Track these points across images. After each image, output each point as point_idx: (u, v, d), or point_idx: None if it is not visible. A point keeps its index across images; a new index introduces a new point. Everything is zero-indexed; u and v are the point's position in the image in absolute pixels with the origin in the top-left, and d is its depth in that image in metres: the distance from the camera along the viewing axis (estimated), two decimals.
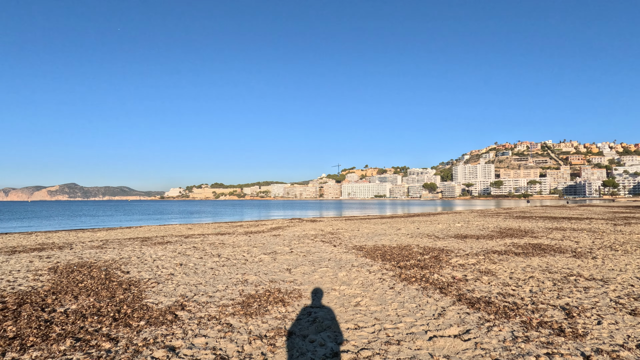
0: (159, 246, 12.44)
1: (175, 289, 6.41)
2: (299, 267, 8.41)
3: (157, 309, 5.23)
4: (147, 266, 8.61)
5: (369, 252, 10.52)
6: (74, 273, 7.76)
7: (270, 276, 7.46)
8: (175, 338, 4.17)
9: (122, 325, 4.59)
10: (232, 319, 4.83)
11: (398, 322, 4.65)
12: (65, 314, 5.00)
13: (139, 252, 10.90)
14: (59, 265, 8.83)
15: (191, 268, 8.36)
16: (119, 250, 11.53)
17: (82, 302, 5.57)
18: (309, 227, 20.59)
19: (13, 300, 5.66)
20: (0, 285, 6.79)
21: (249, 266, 8.57)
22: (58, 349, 3.86)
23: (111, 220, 41.47)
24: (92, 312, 5.12)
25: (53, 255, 10.61)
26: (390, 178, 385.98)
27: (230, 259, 9.63)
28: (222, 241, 13.81)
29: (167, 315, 4.95)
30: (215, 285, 6.68)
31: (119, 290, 6.33)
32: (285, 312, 5.09)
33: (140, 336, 4.22)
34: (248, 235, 16.08)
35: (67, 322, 4.67)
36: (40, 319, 4.78)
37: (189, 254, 10.58)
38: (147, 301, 5.66)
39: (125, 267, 8.44)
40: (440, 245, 11.86)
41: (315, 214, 49.08)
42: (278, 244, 12.60)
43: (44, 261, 9.48)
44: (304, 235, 15.96)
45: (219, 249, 11.48)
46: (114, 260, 9.39)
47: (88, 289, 6.35)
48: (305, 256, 9.94)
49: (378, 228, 19.20)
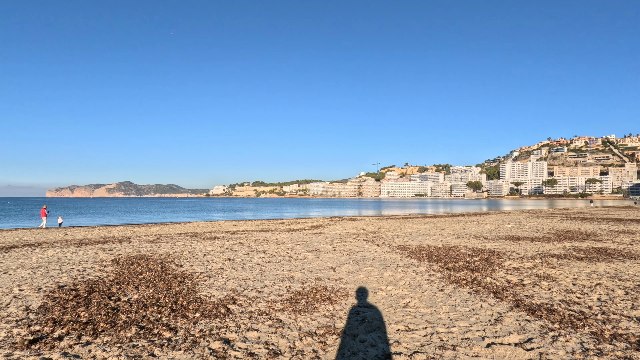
0: (207, 241, 13.02)
1: (226, 283, 6.66)
2: (343, 265, 8.38)
3: (210, 302, 5.46)
4: (198, 260, 9.04)
5: (414, 252, 10.24)
6: (133, 265, 8.33)
7: (315, 274, 7.50)
8: (229, 331, 4.31)
9: (179, 316, 4.85)
10: (282, 314, 4.92)
11: (451, 326, 4.47)
12: (129, 303, 5.38)
13: (190, 247, 11.48)
14: (120, 257, 9.54)
15: (239, 263, 8.64)
16: (171, 244, 12.23)
17: (143, 293, 5.96)
18: (350, 226, 20.50)
19: (84, 289, 6.19)
20: (72, 274, 7.47)
21: (294, 263, 8.69)
22: (125, 335, 4.15)
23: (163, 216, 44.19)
24: (152, 302, 5.46)
25: (114, 248, 11.49)
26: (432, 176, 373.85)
27: (275, 255, 9.83)
28: (266, 238, 14.15)
29: (220, 309, 5.14)
30: (263, 281, 6.84)
31: (174, 282, 6.69)
32: (333, 311, 5.08)
33: (196, 327, 4.42)
34: (290, 233, 16.34)
35: (131, 311, 5.02)
36: (107, 307, 5.18)
37: (236, 249, 10.96)
38: (201, 294, 5.92)
39: (179, 261, 8.91)
40: (490, 247, 11.25)
41: (355, 213, 48.82)
42: (321, 242, 12.66)
43: (107, 253, 10.28)
44: (346, 233, 15.91)
45: (263, 246, 11.77)
46: (168, 254, 9.97)
47: (147, 281, 6.78)
48: (348, 255, 9.90)
49: (421, 228, 18.66)
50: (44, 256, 9.82)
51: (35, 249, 11.24)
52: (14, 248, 11.63)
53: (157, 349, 3.77)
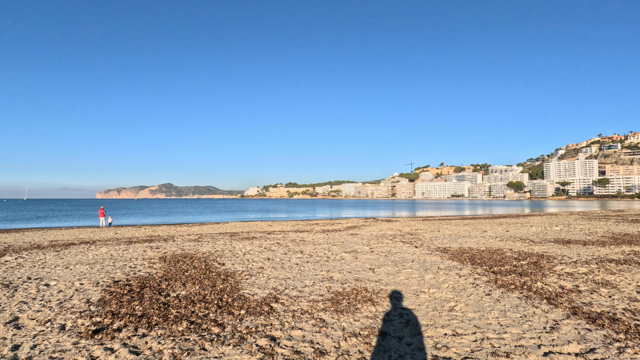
0: (246, 241, 13.37)
1: (267, 282, 6.79)
2: (382, 267, 8.27)
3: (253, 300, 5.60)
4: (238, 259, 9.30)
5: (455, 254, 9.90)
6: (179, 263, 8.73)
7: (354, 275, 7.47)
8: (274, 329, 4.39)
9: (225, 312, 5.01)
10: (324, 314, 4.93)
11: (502, 332, 4.26)
12: (178, 299, 5.64)
13: (230, 246, 11.84)
14: (166, 255, 10.04)
15: (278, 263, 8.79)
16: (212, 243, 12.68)
17: (190, 289, 6.22)
18: (385, 227, 20.22)
19: (136, 284, 6.57)
20: (125, 270, 7.95)
21: (332, 264, 8.70)
22: (177, 329, 4.36)
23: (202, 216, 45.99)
24: (198, 298, 5.68)
25: (161, 246, 12.11)
26: (469, 176, 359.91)
27: (313, 255, 9.90)
28: (302, 238, 14.29)
29: (264, 307, 5.25)
30: (302, 281, 6.91)
31: (218, 280, 6.93)
32: (376, 312, 5.02)
33: (243, 324, 4.54)
34: (326, 234, 16.39)
35: (181, 306, 5.26)
36: (159, 302, 5.46)
37: (274, 249, 11.16)
38: (244, 292, 6.09)
39: (221, 260, 9.22)
40: (539, 250, 10.62)
41: (390, 214, 48.10)
42: (357, 243, 12.59)
43: (155, 251, 10.86)
44: (382, 235, 15.71)
45: (300, 246, 11.89)
46: (210, 253, 10.35)
47: (193, 278, 7.08)
48: (386, 256, 9.76)
49: (460, 229, 18.01)
50: (99, 253, 10.55)
51: (91, 247, 12.10)
52: (72, 245, 12.59)
53: (207, 344, 3.91)
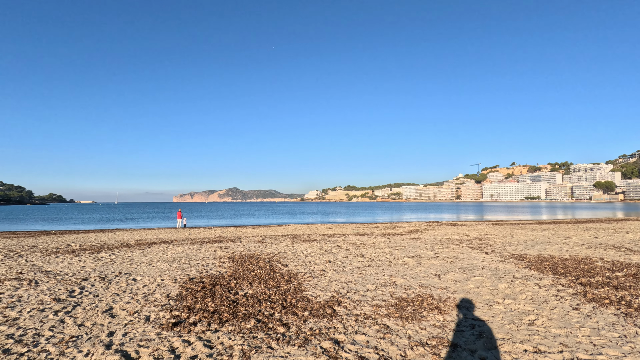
0: (307, 243, 13.63)
1: (329, 285, 6.82)
2: (449, 273, 7.82)
3: (316, 302, 5.65)
4: (300, 261, 9.50)
5: (533, 262, 8.99)
6: (246, 263, 9.18)
7: (418, 280, 7.16)
8: (338, 332, 4.38)
9: (290, 313, 5.12)
10: (388, 320, 4.79)
11: (596, 353, 3.74)
12: (245, 297, 5.92)
13: (292, 248, 12.16)
14: (234, 255, 10.63)
15: (339, 266, 8.80)
16: (275, 245, 13.14)
17: (256, 289, 6.50)
18: (450, 231, 19.16)
19: (208, 282, 7.04)
20: (198, 268, 8.58)
21: (394, 268, 8.46)
22: (245, 326, 4.56)
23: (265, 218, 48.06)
24: (264, 298, 5.90)
25: (229, 246, 12.87)
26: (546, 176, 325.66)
27: (374, 259, 9.72)
28: (363, 242, 14.14)
29: (326, 309, 5.27)
30: (364, 285, 6.81)
31: (282, 281, 7.14)
32: (444, 321, 4.75)
33: (307, 325, 4.60)
34: (387, 237, 16.03)
35: (248, 305, 5.51)
36: (229, 299, 5.78)
37: (335, 252, 11.20)
38: (307, 293, 6.18)
39: (284, 261, 9.51)
40: (638, 260, 9.19)
41: (454, 218, 45.52)
42: (420, 248, 12.10)
43: (224, 251, 11.57)
44: (447, 239, 14.90)
45: (361, 249, 11.78)
46: (273, 254, 10.73)
47: (258, 278, 7.38)
48: (453, 262, 9.21)
49: (538, 235, 16.34)
50: (176, 252, 11.54)
51: (169, 246, 13.30)
52: (154, 244, 13.97)
53: (274, 342, 4.03)
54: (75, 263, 9.44)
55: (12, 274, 7.91)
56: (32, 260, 10.04)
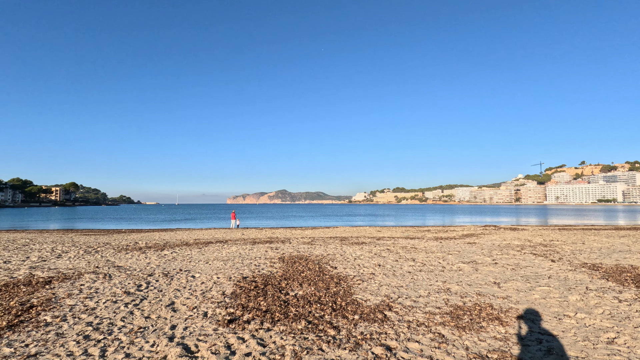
0: (356, 246, 13.52)
1: (379, 289, 6.68)
2: (510, 282, 7.27)
3: (366, 306, 5.56)
4: (349, 264, 9.44)
5: (611, 273, 8.04)
6: (296, 264, 9.33)
7: (475, 288, 6.75)
8: (389, 338, 4.26)
9: (340, 316, 5.10)
10: (443, 329, 4.56)
11: None
12: (296, 298, 6.00)
13: (341, 250, 12.13)
14: (284, 256, 10.87)
15: (389, 270, 8.59)
16: (324, 247, 13.21)
17: (306, 290, 6.56)
18: (510, 236, 17.86)
19: (260, 281, 7.26)
20: (251, 267, 8.90)
21: (448, 274, 8.06)
22: (296, 327, 4.62)
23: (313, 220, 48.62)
24: (314, 299, 5.94)
25: (279, 247, 13.20)
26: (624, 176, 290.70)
27: (426, 264, 9.36)
28: (414, 245, 13.70)
29: (377, 314, 5.16)
30: (416, 290, 6.57)
31: (331, 283, 7.14)
32: (506, 334, 4.41)
33: (357, 329, 4.54)
34: (439, 241, 15.36)
35: (299, 305, 5.58)
36: (280, 299, 5.91)
37: (384, 255, 10.97)
38: (357, 297, 6.11)
39: (333, 263, 9.51)
40: None
41: (513, 221, 42.39)
42: (476, 253, 11.41)
43: (274, 252, 11.88)
44: (506, 245, 13.89)
45: (412, 253, 11.41)
46: (322, 256, 10.78)
47: (308, 279, 7.46)
48: (514, 270, 8.56)
49: (614, 242, 14.62)
50: (230, 251, 12.09)
51: (224, 245, 13.97)
52: (210, 243, 14.76)
53: (324, 345, 4.03)
54: (142, 259, 10.28)
55: (91, 268, 8.83)
56: (106, 256, 11.13)
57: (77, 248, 13.16)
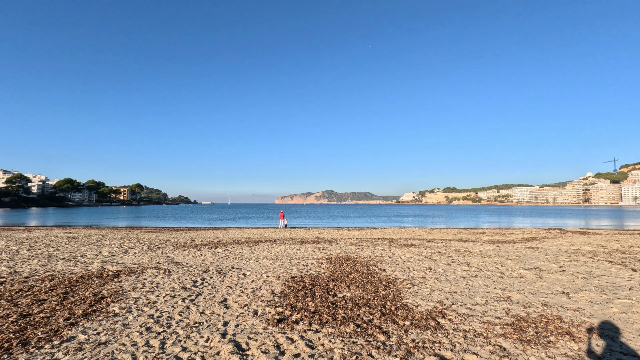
0: (405, 248, 13.10)
1: (431, 294, 6.37)
2: (581, 292, 6.55)
3: (417, 312, 5.32)
4: (399, 266, 9.15)
5: None
6: (343, 265, 9.25)
7: (540, 297, 6.17)
8: (444, 348, 4.01)
9: (389, 321, 4.92)
10: (504, 341, 4.21)
11: None
12: (344, 300, 5.92)
13: (389, 252, 11.83)
14: (332, 256, 10.84)
15: (441, 274, 8.18)
16: (372, 248, 12.97)
17: (354, 292, 6.45)
18: (579, 241, 16.19)
19: (308, 281, 7.29)
20: (299, 267, 8.98)
21: (508, 281, 7.47)
22: (345, 330, 4.54)
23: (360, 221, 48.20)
24: (362, 302, 5.81)
25: (326, 247, 13.21)
26: None
27: (482, 269, 8.77)
28: (467, 249, 12.95)
29: (429, 321, 4.91)
30: (472, 297, 6.16)
31: (380, 286, 6.95)
32: (579, 351, 3.94)
33: (408, 336, 4.35)
34: (496, 245, 14.37)
35: (347, 308, 5.49)
36: (328, 301, 5.86)
37: (435, 258, 10.49)
38: (407, 301, 5.88)
39: (381, 265, 9.29)
40: None
41: (582, 224, 38.47)
42: (540, 259, 10.48)
43: (322, 252, 11.91)
44: (575, 250, 12.60)
45: (466, 257, 10.78)
46: (370, 258, 10.58)
47: (356, 281, 7.34)
48: (586, 279, 7.70)
49: None
50: (279, 250, 12.33)
51: (273, 244, 14.31)
52: (260, 242, 15.20)
53: (374, 350, 3.90)
54: (198, 256, 10.86)
55: (152, 264, 9.50)
56: (166, 252, 11.92)
57: (141, 244, 14.27)
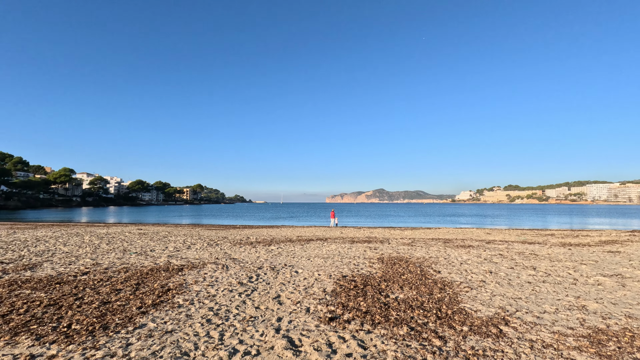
0: (461, 249, 12.44)
1: (491, 299, 5.97)
2: None
3: (477, 317, 5.01)
4: (455, 268, 8.71)
5: None
6: (395, 265, 9.04)
7: (622, 308, 5.48)
8: (507, 358, 3.73)
9: (445, 325, 4.70)
10: (579, 355, 3.80)
11: None
12: (396, 301, 5.78)
13: (445, 253, 11.31)
14: (383, 256, 10.65)
15: (503, 278, 7.63)
16: (426, 249, 12.51)
17: (407, 294, 6.27)
18: None
19: (360, 281, 7.23)
20: (350, 266, 8.95)
21: (582, 288, 6.74)
22: (398, 332, 4.42)
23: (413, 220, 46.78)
24: (416, 304, 5.62)
25: (378, 247, 13.01)
26: None
27: (551, 274, 8.02)
28: (533, 251, 11.93)
29: (490, 327, 4.60)
30: (540, 305, 5.66)
31: (435, 288, 6.67)
32: None
33: (466, 343, 4.11)
34: (567, 248, 13.06)
35: (400, 310, 5.34)
36: (380, 301, 5.76)
37: (496, 261, 9.81)
38: (464, 305, 5.57)
39: (436, 267, 8.91)
40: None
41: None
42: (621, 265, 9.32)
43: (373, 252, 11.75)
44: None
45: (531, 261, 9.94)
46: (424, 259, 10.21)
47: (409, 282, 7.12)
48: None
49: None
50: (330, 249, 12.41)
51: (324, 243, 14.44)
52: (311, 241, 15.43)
53: (429, 355, 3.75)
54: (253, 253, 11.32)
55: (212, 259, 10.09)
56: (224, 248, 12.60)
57: (202, 241, 15.24)
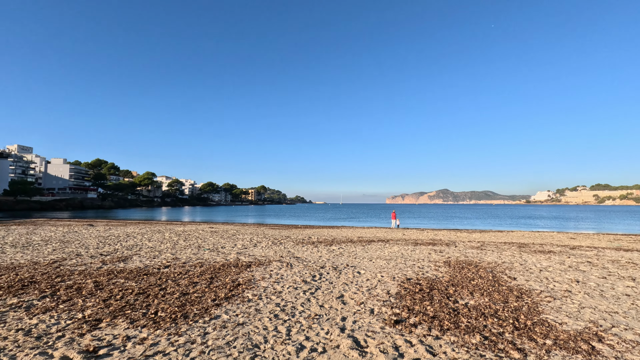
0: (540, 255, 11.30)
1: (580, 312, 5.33)
2: None
3: (562, 330, 4.51)
4: (533, 275, 7.94)
5: None
6: (464, 270, 8.53)
7: None
8: None
9: (525, 337, 4.30)
10: None
11: None
12: (467, 308, 5.44)
13: (520, 259, 10.37)
14: (450, 260, 10.11)
15: (594, 289, 6.76)
16: (498, 253, 11.60)
17: (478, 300, 5.87)
18: None
19: (425, 285, 6.95)
20: (414, 269, 8.65)
21: None
22: (470, 340, 4.16)
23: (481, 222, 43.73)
24: (490, 312, 5.23)
25: (443, 250, 12.39)
26: None
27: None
28: (631, 260, 10.39)
29: (580, 343, 4.10)
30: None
31: (510, 296, 6.15)
32: None
33: (550, 358, 3.72)
34: None
35: (471, 317, 5.02)
36: (448, 307, 5.48)
37: (584, 269, 8.73)
38: (546, 317, 5.05)
39: (510, 273, 8.22)
40: None
41: None
42: None
43: (438, 254, 11.22)
44: None
45: (629, 270, 8.66)
46: (496, 264, 9.48)
47: (480, 288, 6.67)
48: None
49: None
50: (392, 251, 12.14)
51: (385, 244, 14.17)
52: (372, 242, 15.24)
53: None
54: (315, 253, 11.53)
55: (277, 257, 10.50)
56: (287, 247, 13.03)
57: (267, 239, 15.93)
